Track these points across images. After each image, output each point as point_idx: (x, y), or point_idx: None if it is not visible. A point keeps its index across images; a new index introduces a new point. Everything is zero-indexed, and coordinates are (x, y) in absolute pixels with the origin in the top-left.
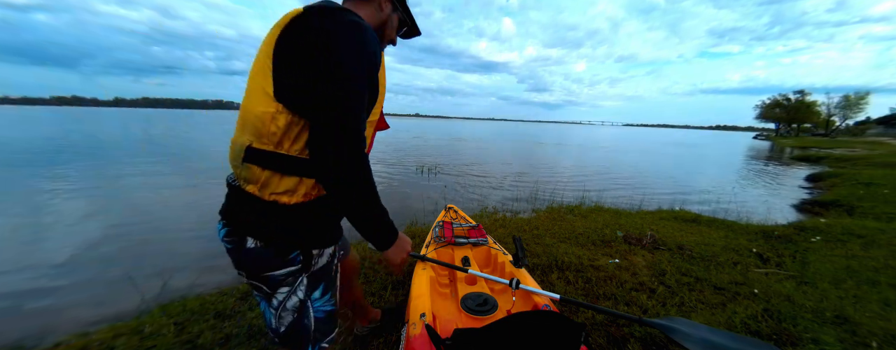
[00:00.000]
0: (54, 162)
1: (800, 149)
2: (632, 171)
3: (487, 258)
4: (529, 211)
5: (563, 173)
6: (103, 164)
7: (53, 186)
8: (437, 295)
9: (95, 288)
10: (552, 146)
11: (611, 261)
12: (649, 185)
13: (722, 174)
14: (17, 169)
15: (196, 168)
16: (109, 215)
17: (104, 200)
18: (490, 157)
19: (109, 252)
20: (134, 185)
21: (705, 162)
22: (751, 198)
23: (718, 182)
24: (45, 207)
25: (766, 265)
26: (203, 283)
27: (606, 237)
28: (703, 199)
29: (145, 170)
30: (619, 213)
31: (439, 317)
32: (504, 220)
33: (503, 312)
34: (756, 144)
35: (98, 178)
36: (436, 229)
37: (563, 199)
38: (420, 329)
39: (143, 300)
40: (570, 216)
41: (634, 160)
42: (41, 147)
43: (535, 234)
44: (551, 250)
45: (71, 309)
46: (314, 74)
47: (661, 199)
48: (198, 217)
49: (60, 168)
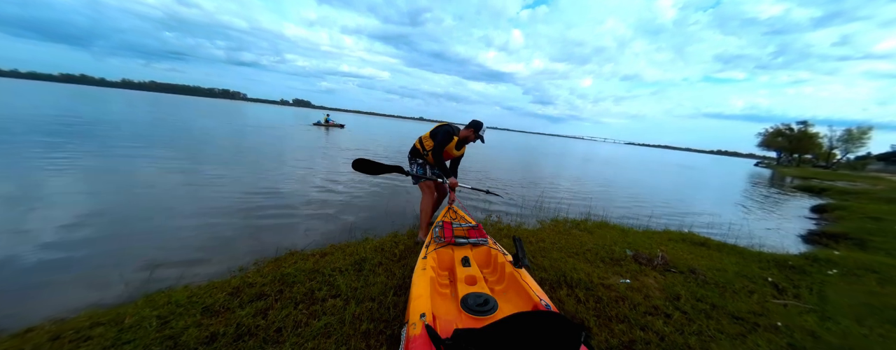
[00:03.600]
0: (54, 140)
1: (801, 179)
2: (637, 188)
3: (487, 258)
4: (534, 222)
5: (567, 186)
6: (111, 146)
7: (50, 163)
8: (437, 295)
9: (78, 269)
10: (555, 158)
11: (622, 281)
12: (655, 204)
13: (726, 198)
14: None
15: (200, 156)
16: (103, 197)
17: (101, 182)
18: (494, 164)
19: (98, 234)
20: (135, 169)
21: (710, 185)
22: (757, 225)
23: (723, 206)
24: (38, 183)
25: (783, 296)
26: (194, 275)
27: (615, 255)
28: (709, 221)
29: (151, 154)
30: (627, 231)
31: (439, 317)
32: (508, 230)
33: (503, 313)
34: (757, 171)
35: (99, 158)
36: (436, 229)
37: (568, 212)
38: (420, 329)
39: (126, 287)
40: (577, 231)
41: (639, 178)
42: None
43: (541, 246)
44: (559, 265)
45: (49, 290)
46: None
47: (668, 219)
48: (196, 206)
49: (60, 146)
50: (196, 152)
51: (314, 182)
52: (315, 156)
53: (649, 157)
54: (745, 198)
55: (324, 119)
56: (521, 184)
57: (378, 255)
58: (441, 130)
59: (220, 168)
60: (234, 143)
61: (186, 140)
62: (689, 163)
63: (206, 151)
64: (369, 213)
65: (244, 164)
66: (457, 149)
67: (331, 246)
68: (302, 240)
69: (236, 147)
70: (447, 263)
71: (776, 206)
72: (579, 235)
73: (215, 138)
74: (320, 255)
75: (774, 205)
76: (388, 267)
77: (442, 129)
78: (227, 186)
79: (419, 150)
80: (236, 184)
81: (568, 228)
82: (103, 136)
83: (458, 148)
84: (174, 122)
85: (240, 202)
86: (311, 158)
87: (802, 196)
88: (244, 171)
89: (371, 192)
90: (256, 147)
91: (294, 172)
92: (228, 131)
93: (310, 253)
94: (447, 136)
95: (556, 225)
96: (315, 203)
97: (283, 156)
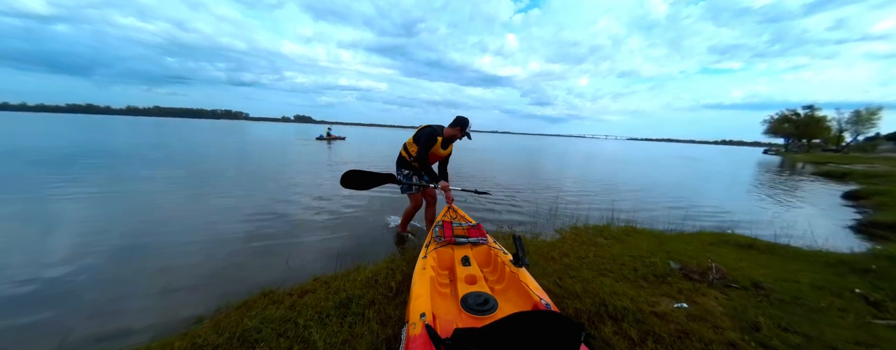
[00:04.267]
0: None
1: (813, 164)
2: (650, 184)
3: (487, 257)
4: (552, 232)
5: (577, 187)
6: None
7: (70, 191)
8: (437, 295)
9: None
10: (559, 158)
11: (676, 305)
12: (676, 202)
13: (747, 189)
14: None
15: (192, 179)
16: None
17: (115, 209)
18: (498, 169)
19: (50, 280)
20: (148, 193)
21: (725, 176)
22: (794, 217)
23: (746, 198)
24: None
25: (884, 313)
26: (139, 331)
27: (657, 269)
28: (740, 217)
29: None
30: (660, 237)
31: (439, 317)
32: (524, 243)
33: (503, 312)
34: (767, 159)
35: (114, 183)
36: (436, 229)
37: (588, 217)
38: (420, 329)
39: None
40: (602, 239)
41: (649, 174)
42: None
43: (565, 263)
44: (593, 288)
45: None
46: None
47: (697, 218)
48: (170, 238)
49: (79, 176)
50: (189, 175)
51: (304, 202)
52: (311, 171)
53: (653, 152)
54: (766, 187)
55: (325, 133)
56: (529, 189)
57: (369, 290)
58: (423, 133)
59: (209, 190)
60: (233, 163)
61: (184, 163)
62: (694, 154)
63: (200, 174)
64: (364, 232)
65: (237, 185)
66: (443, 148)
67: (313, 280)
68: (282, 273)
69: (234, 167)
70: (447, 263)
71: (803, 194)
72: (607, 245)
73: (214, 159)
74: (299, 293)
75: (800, 193)
76: (382, 307)
77: (424, 131)
78: (212, 212)
79: (405, 158)
80: (223, 208)
81: (591, 237)
82: (86, 165)
83: (444, 147)
84: (176, 146)
85: (223, 230)
86: (306, 175)
87: (825, 182)
88: (235, 192)
89: (367, 208)
90: (254, 165)
91: (287, 191)
92: (228, 151)
93: (287, 292)
94: (430, 138)
95: (576, 234)
96: (305, 226)
97: (279, 174)
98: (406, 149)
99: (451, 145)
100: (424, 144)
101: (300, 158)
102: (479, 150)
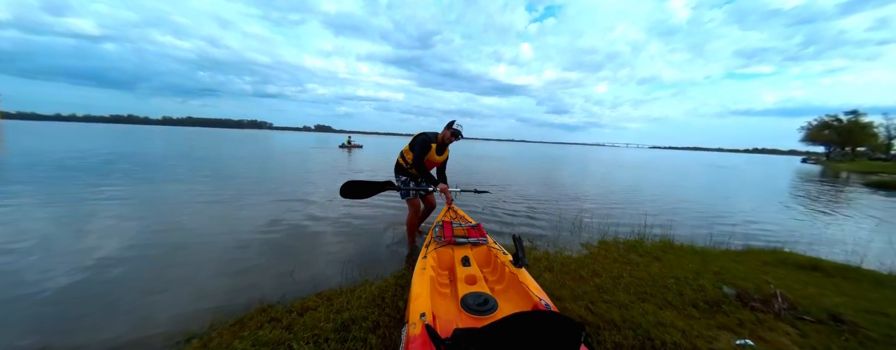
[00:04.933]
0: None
1: (861, 174)
2: (683, 196)
3: (487, 258)
4: (578, 247)
5: (603, 197)
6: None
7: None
8: (437, 295)
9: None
10: (579, 167)
11: (739, 342)
12: (714, 215)
13: (793, 201)
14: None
15: (214, 185)
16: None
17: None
18: (516, 177)
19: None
20: (136, 200)
21: (763, 186)
22: (861, 234)
23: (795, 211)
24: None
25: None
26: (125, 345)
27: (708, 294)
28: (795, 234)
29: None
30: (703, 254)
31: (439, 317)
32: (547, 258)
33: (503, 312)
34: (807, 169)
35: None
36: (436, 229)
37: (616, 231)
38: (420, 329)
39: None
40: (636, 256)
41: (680, 183)
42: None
43: (597, 284)
44: (634, 316)
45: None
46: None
47: (742, 233)
48: (180, 245)
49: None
50: (212, 181)
51: (317, 211)
52: (328, 180)
53: (679, 161)
54: (816, 199)
55: (346, 141)
56: (549, 199)
57: (374, 310)
58: (418, 141)
59: (227, 198)
60: (256, 172)
61: (209, 169)
62: (724, 163)
63: (223, 179)
64: (373, 243)
65: (257, 192)
66: (438, 154)
67: (316, 296)
68: (285, 285)
69: (256, 176)
70: (447, 263)
71: (861, 206)
72: (644, 263)
73: (238, 169)
74: (299, 310)
75: (856, 206)
76: (387, 332)
77: (418, 139)
78: (226, 219)
79: (403, 165)
80: (238, 216)
81: (623, 253)
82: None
83: (440, 153)
84: (203, 155)
85: (233, 237)
86: (323, 184)
87: (879, 192)
88: (253, 200)
89: (378, 217)
90: (276, 172)
91: (303, 199)
92: (253, 160)
93: (286, 308)
94: (425, 144)
95: (606, 249)
96: (317, 236)
97: (299, 181)
98: (403, 156)
99: (446, 150)
100: (419, 151)
101: (319, 168)
102: (493, 158)
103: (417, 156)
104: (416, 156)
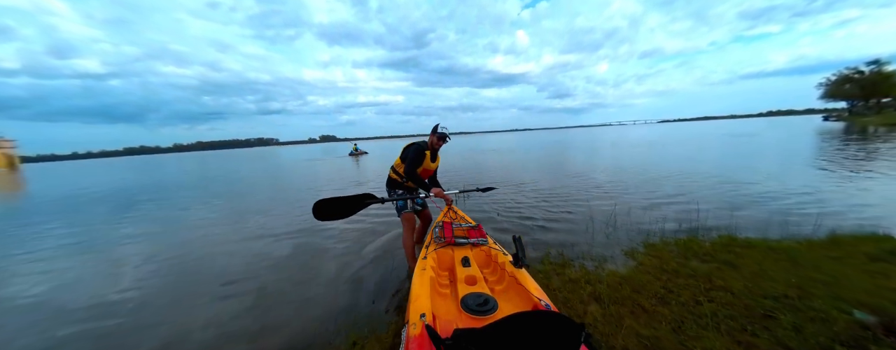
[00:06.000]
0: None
1: (889, 127)
2: (712, 172)
3: (487, 258)
4: (618, 253)
5: (622, 182)
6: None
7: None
8: (437, 295)
9: None
10: (588, 150)
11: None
12: (763, 193)
13: (840, 165)
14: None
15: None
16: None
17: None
18: (524, 169)
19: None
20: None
21: (797, 151)
22: None
23: (858, 177)
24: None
25: None
26: None
27: (838, 326)
28: (878, 210)
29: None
30: (786, 251)
31: (439, 317)
32: (587, 278)
33: (503, 313)
34: (830, 127)
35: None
36: (436, 229)
37: (654, 222)
38: (420, 329)
39: None
40: (699, 263)
41: (704, 158)
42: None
43: (668, 317)
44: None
45: None
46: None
47: (804, 211)
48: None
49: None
50: (210, 215)
51: (312, 240)
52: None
53: (693, 132)
54: (868, 158)
55: (354, 148)
56: (565, 191)
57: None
58: (410, 151)
59: (216, 235)
60: (263, 194)
61: (214, 200)
62: (742, 130)
63: (224, 213)
64: (364, 278)
65: (264, 213)
66: (432, 161)
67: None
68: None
69: (264, 199)
70: (447, 263)
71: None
72: (717, 275)
73: (244, 194)
74: None
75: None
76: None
77: (411, 148)
78: (210, 258)
79: (397, 180)
80: (221, 254)
81: (680, 259)
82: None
83: (433, 159)
84: (210, 181)
85: (208, 284)
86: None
87: None
88: (242, 232)
89: (357, 237)
90: (283, 191)
91: (299, 225)
92: (260, 181)
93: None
94: (419, 153)
95: (657, 255)
96: (302, 275)
97: (302, 200)
98: (395, 170)
99: (437, 157)
100: (413, 160)
101: (330, 177)
102: (498, 151)
103: (411, 166)
104: (409, 167)
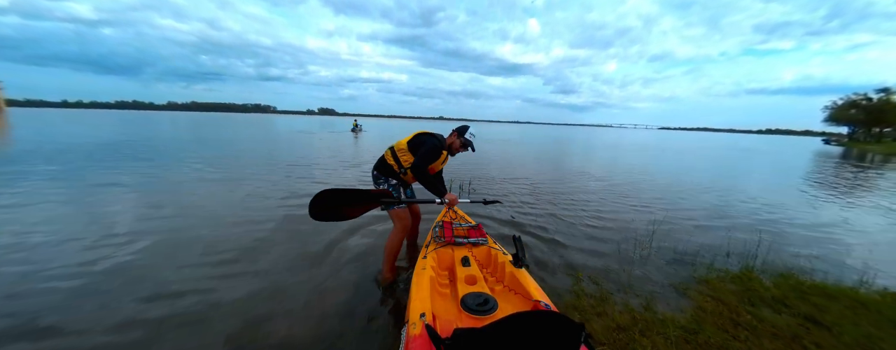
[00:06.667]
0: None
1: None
2: (742, 187)
3: (487, 258)
4: (668, 289)
5: (649, 196)
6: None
7: None
8: (437, 295)
9: None
10: (601, 150)
11: None
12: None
13: (855, 193)
14: None
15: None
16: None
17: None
18: (535, 167)
19: None
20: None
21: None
22: None
23: (872, 210)
24: None
25: None
26: None
27: None
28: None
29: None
30: (876, 306)
31: (439, 317)
32: (640, 326)
33: (503, 312)
34: (832, 151)
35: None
36: (436, 229)
37: (696, 247)
38: (420, 329)
39: None
40: (772, 314)
41: (723, 173)
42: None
43: None
44: None
45: None
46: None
47: (867, 256)
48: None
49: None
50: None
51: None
52: (339, 174)
53: (696, 143)
54: (883, 191)
55: (354, 124)
56: (588, 198)
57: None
58: (425, 144)
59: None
60: (263, 159)
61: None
62: (745, 145)
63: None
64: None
65: (266, 182)
66: (443, 161)
67: None
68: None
69: (263, 165)
70: (447, 263)
71: None
72: (805, 335)
73: (241, 159)
74: None
75: None
76: None
77: (428, 141)
78: (192, 257)
79: (393, 167)
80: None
81: (746, 303)
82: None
83: (445, 160)
84: (212, 139)
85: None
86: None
87: None
88: (229, 227)
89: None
90: (283, 164)
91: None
92: (262, 149)
93: None
94: (435, 151)
95: (712, 293)
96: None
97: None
98: (394, 155)
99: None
100: (427, 155)
101: (331, 153)
102: (503, 141)
103: (421, 159)
104: (420, 160)
